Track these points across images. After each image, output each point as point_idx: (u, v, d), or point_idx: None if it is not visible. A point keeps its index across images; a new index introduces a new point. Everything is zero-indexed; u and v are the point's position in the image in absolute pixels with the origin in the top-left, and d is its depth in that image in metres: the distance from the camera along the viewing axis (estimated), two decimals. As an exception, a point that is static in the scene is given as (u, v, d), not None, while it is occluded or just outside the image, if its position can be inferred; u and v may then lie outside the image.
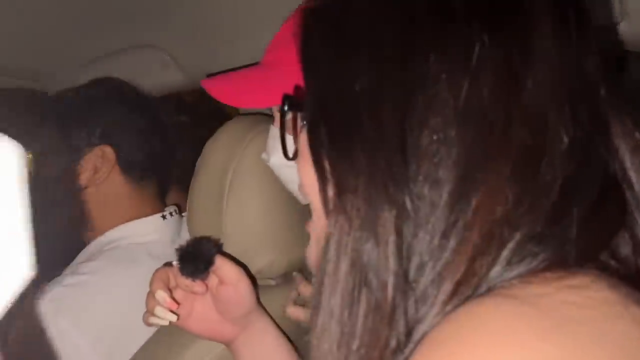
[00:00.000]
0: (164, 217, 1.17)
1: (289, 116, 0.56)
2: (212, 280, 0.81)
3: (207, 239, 0.85)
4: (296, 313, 0.90)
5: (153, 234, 1.13)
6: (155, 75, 1.25)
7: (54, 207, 1.16)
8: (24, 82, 1.33)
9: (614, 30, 0.89)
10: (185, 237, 0.96)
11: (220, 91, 0.76)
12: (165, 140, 1.20)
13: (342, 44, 0.47)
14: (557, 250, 0.41)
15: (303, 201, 0.86)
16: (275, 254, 0.90)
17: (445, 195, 0.42)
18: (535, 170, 0.41)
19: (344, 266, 0.44)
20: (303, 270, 0.95)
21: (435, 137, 0.42)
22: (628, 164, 0.45)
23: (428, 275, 0.42)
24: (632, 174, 0.45)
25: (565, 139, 0.42)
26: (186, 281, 0.80)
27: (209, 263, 0.80)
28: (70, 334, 0.97)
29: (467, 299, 0.40)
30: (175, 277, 0.81)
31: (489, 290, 0.40)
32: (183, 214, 1.20)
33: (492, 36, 0.43)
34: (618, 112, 0.46)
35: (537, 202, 0.41)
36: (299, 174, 0.54)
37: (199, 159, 0.92)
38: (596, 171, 0.44)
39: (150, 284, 0.82)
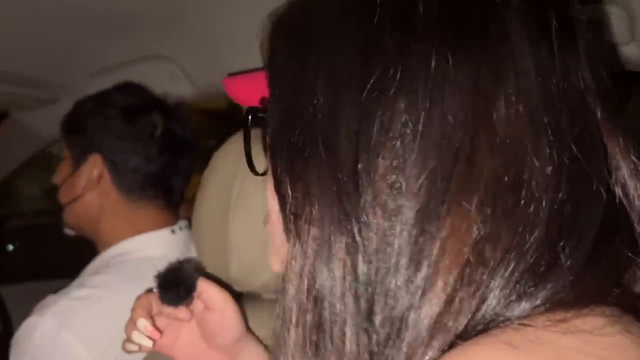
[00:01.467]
0: (173, 231, 1.15)
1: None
2: (197, 305, 0.77)
3: (189, 262, 0.81)
4: None
5: (162, 249, 1.12)
6: (165, 86, 1.25)
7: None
8: (35, 91, 1.33)
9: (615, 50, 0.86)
10: (194, 252, 0.95)
11: (233, 89, 0.75)
12: (169, 151, 1.16)
13: (303, 59, 0.44)
14: (556, 289, 0.36)
15: None
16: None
17: (406, 230, 0.38)
18: (513, 204, 0.37)
19: (301, 301, 0.41)
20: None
21: (392, 164, 0.38)
22: (631, 190, 0.41)
23: (396, 319, 0.38)
24: (638, 202, 0.40)
25: (548, 167, 0.37)
26: (168, 309, 0.75)
27: (190, 289, 0.75)
28: (75, 349, 0.96)
29: (461, 337, 0.36)
30: (157, 304, 0.77)
31: (487, 328, 0.36)
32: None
33: (457, 53, 0.39)
34: (615, 132, 0.41)
35: (519, 238, 0.36)
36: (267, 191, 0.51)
37: (205, 171, 0.91)
38: (593, 200, 0.39)
39: (132, 311, 0.78)
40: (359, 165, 0.39)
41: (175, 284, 0.75)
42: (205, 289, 0.76)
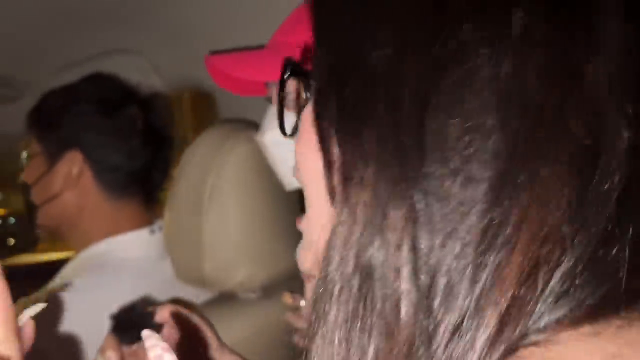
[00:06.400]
0: (152, 231, 1.11)
1: (291, 87, 0.49)
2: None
3: (142, 301, 0.85)
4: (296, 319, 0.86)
5: (141, 250, 1.08)
6: (133, 80, 1.22)
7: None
8: (-2, 89, 1.30)
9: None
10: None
11: (212, 66, 0.75)
12: (151, 146, 1.11)
13: (361, 5, 0.39)
14: (607, 283, 0.32)
15: (289, 187, 0.83)
16: (256, 266, 0.86)
17: (479, 199, 0.33)
18: (592, 175, 0.32)
19: (347, 272, 0.36)
20: (285, 283, 0.92)
21: (468, 125, 0.33)
22: None
23: (462, 302, 0.33)
24: None
25: (626, 139, 0.33)
26: (127, 348, 0.78)
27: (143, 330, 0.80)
28: (49, 354, 0.94)
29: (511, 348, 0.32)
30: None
31: (520, 340, 0.32)
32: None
33: (539, 5, 0.34)
34: None
35: (592, 215, 0.32)
36: (296, 156, 0.46)
37: (176, 169, 0.89)
38: None
39: (104, 341, 0.79)
40: (426, 124, 0.34)
41: (128, 326, 0.78)
42: (167, 320, 0.78)
